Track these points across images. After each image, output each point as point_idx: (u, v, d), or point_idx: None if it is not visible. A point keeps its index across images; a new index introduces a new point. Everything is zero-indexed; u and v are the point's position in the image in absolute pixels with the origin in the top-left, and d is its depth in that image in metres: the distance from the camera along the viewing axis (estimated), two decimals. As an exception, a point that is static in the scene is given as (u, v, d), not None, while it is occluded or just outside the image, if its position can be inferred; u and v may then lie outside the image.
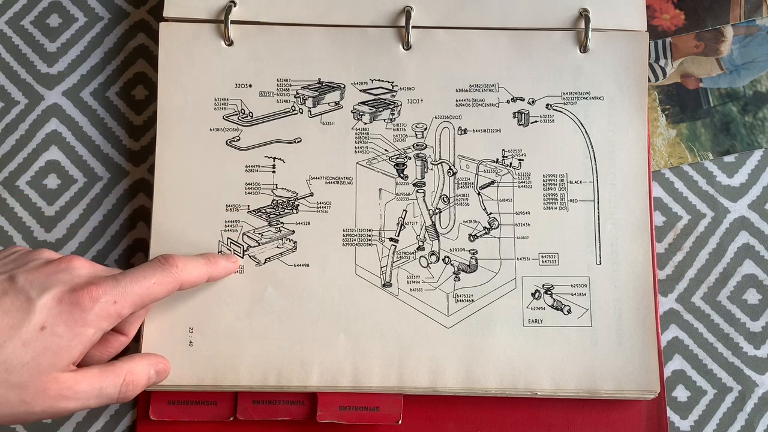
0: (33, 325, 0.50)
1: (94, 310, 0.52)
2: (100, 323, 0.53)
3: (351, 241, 0.66)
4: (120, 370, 0.55)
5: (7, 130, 0.71)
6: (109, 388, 0.54)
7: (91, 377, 0.53)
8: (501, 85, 0.68)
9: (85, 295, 0.52)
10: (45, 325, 0.51)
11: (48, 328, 0.51)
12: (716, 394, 0.66)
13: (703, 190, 0.69)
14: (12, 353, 0.49)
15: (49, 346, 0.51)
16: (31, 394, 0.50)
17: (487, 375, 0.63)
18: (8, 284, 0.52)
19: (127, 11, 0.74)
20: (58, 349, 0.51)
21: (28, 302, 0.51)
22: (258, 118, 0.67)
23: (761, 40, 0.71)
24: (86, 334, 0.52)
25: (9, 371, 0.49)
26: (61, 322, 0.51)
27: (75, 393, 0.52)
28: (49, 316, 0.51)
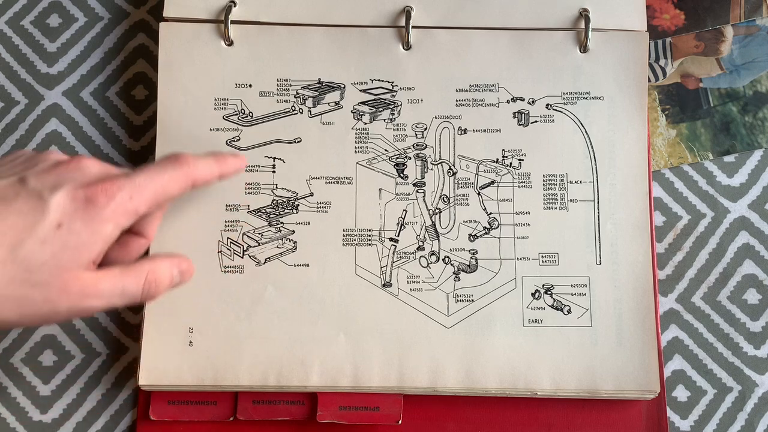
0: (49, 223, 0.49)
1: (110, 206, 0.51)
2: (117, 219, 0.52)
3: (351, 241, 0.66)
4: (142, 268, 0.54)
5: (7, 130, 0.71)
6: (131, 286, 0.53)
7: (113, 276, 0.53)
8: (501, 85, 0.68)
9: (100, 192, 0.51)
10: (61, 223, 0.50)
11: (65, 226, 0.50)
12: (716, 394, 0.66)
13: (703, 190, 0.70)
14: (31, 252, 0.49)
15: (67, 243, 0.50)
16: (55, 292, 0.50)
17: (487, 375, 0.63)
18: (19, 186, 0.51)
19: (127, 11, 0.74)
20: (77, 245, 0.50)
21: (41, 201, 0.50)
22: (258, 118, 0.67)
23: (761, 40, 0.71)
24: (104, 230, 0.51)
25: (30, 270, 0.49)
26: (78, 219, 0.50)
27: (98, 291, 0.51)
28: (65, 214, 0.50)
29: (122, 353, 0.67)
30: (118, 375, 0.67)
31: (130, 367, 0.67)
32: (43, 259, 0.49)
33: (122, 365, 0.67)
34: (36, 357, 0.67)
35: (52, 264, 0.49)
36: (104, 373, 0.67)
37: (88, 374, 0.67)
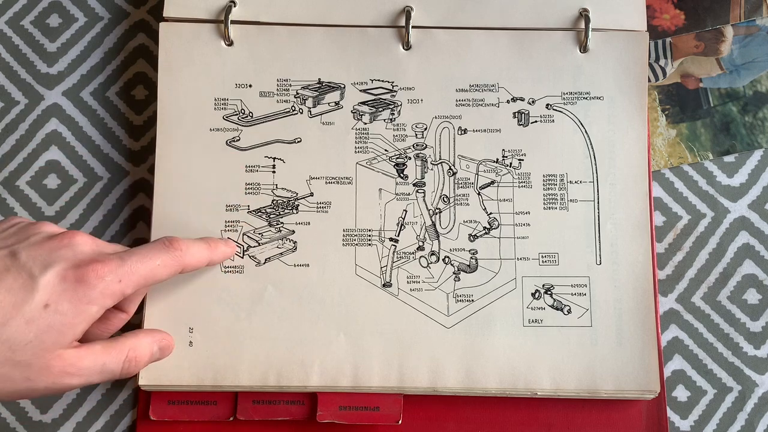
0: (36, 302, 0.49)
1: (99, 287, 0.51)
2: (104, 301, 0.52)
3: (351, 241, 0.66)
4: (123, 346, 0.55)
5: (7, 130, 0.71)
6: (111, 364, 0.54)
7: (94, 353, 0.53)
8: (501, 85, 0.68)
9: (90, 273, 0.51)
10: (48, 303, 0.50)
11: (52, 306, 0.50)
12: (716, 394, 0.66)
13: (703, 190, 0.70)
14: (16, 331, 0.49)
15: (52, 324, 0.50)
16: (35, 371, 0.50)
17: (487, 375, 0.63)
18: (10, 260, 0.51)
19: (127, 11, 0.74)
20: (62, 326, 0.50)
21: (31, 279, 0.50)
22: (258, 118, 0.67)
23: (761, 40, 0.71)
24: (90, 311, 0.52)
25: (13, 350, 0.49)
26: (65, 300, 0.50)
27: (78, 369, 0.52)
28: (53, 294, 0.50)
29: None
30: (118, 375, 0.67)
31: (130, 367, 0.67)
32: (28, 339, 0.49)
33: (122, 365, 0.67)
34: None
35: (35, 344, 0.50)
36: (104, 373, 0.67)
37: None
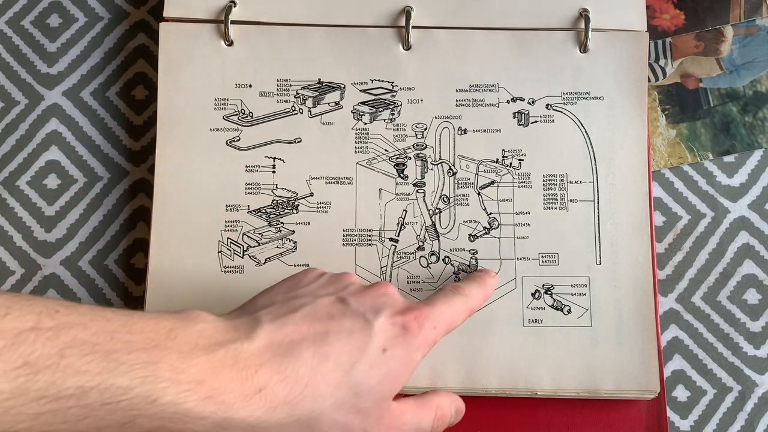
0: (376, 346, 0.49)
1: (421, 335, 0.51)
2: (424, 349, 0.51)
3: (351, 241, 0.66)
4: (431, 403, 0.54)
5: (7, 130, 0.71)
6: (424, 421, 0.53)
7: (412, 409, 0.52)
8: (501, 85, 0.68)
9: (413, 320, 0.51)
10: (386, 347, 0.49)
11: (389, 351, 0.49)
12: (716, 394, 0.66)
13: (703, 190, 0.70)
14: (361, 376, 0.48)
15: (390, 370, 0.49)
16: (371, 421, 0.49)
17: (487, 375, 0.63)
18: (342, 305, 0.50)
19: (127, 11, 0.74)
20: (397, 373, 0.49)
21: (367, 323, 0.49)
22: (258, 118, 0.67)
23: (761, 40, 0.71)
24: (416, 358, 0.51)
25: (358, 395, 0.48)
26: (398, 345, 0.50)
27: (402, 424, 0.51)
28: (388, 338, 0.49)
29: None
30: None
31: (130, 367, 0.67)
32: (371, 385, 0.48)
33: (123, 365, 0.67)
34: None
35: (376, 391, 0.48)
36: (104, 373, 0.67)
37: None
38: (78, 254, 0.69)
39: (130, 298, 0.69)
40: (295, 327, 0.48)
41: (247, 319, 0.49)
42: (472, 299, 0.57)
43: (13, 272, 0.69)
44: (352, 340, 0.48)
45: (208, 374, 0.44)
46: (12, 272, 0.69)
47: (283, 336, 0.47)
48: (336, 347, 0.48)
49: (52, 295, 0.68)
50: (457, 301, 0.56)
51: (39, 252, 0.69)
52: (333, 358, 0.47)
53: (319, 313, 0.50)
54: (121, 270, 0.69)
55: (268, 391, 0.45)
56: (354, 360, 0.48)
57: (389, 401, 0.50)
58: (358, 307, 0.50)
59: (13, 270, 0.69)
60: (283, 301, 0.51)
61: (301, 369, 0.46)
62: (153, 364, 0.42)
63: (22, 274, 0.69)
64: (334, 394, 0.47)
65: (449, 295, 0.56)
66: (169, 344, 0.44)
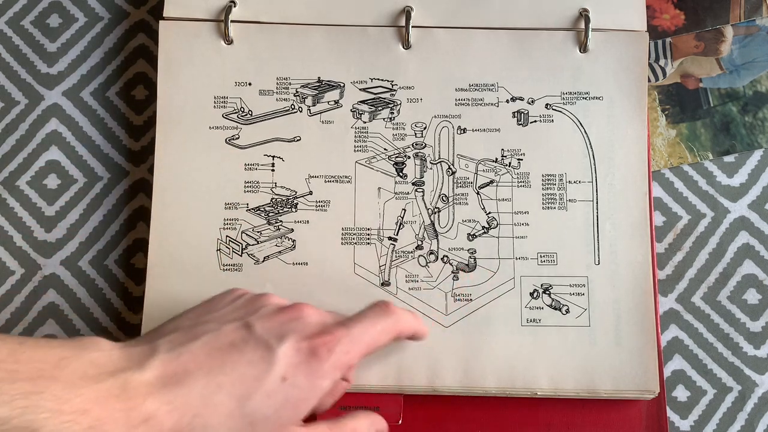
0: (275, 375, 0.49)
1: (330, 360, 0.50)
2: (334, 374, 0.51)
3: (350, 239, 0.66)
4: (346, 428, 0.54)
5: (7, 130, 0.71)
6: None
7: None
8: (500, 85, 0.68)
9: (322, 346, 0.50)
10: (286, 376, 0.49)
11: (289, 380, 0.49)
12: (716, 394, 0.66)
13: (703, 190, 0.69)
14: (257, 406, 0.48)
15: (289, 398, 0.49)
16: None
17: (485, 374, 0.63)
18: (246, 332, 0.50)
19: (127, 11, 0.74)
20: (297, 401, 0.50)
21: (268, 351, 0.49)
22: (257, 117, 0.67)
23: (761, 40, 0.71)
24: (322, 385, 0.51)
25: (253, 424, 0.48)
26: (300, 373, 0.49)
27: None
28: (290, 367, 0.49)
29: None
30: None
31: (129, 367, 0.67)
32: (267, 414, 0.48)
33: (122, 365, 0.67)
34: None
35: (273, 419, 0.49)
36: (103, 372, 0.67)
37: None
38: (78, 254, 0.69)
39: (130, 298, 0.69)
40: (191, 356, 0.48)
41: (144, 348, 0.49)
42: (402, 322, 0.57)
43: (13, 272, 0.69)
44: (250, 369, 0.49)
45: (92, 404, 0.44)
46: (12, 272, 0.69)
47: (177, 366, 0.48)
48: (232, 377, 0.48)
49: (52, 296, 0.68)
50: (383, 321, 0.55)
51: (39, 252, 0.69)
52: (227, 388, 0.48)
53: (219, 341, 0.50)
54: (121, 270, 0.69)
55: (154, 421, 0.45)
56: (250, 390, 0.48)
57: (291, 427, 0.50)
58: (263, 334, 0.50)
59: (13, 270, 0.69)
60: (188, 327, 0.51)
61: (191, 399, 0.47)
62: (36, 394, 0.43)
63: (22, 274, 0.69)
64: (225, 423, 0.47)
65: (377, 314, 0.56)
66: (57, 374, 0.44)
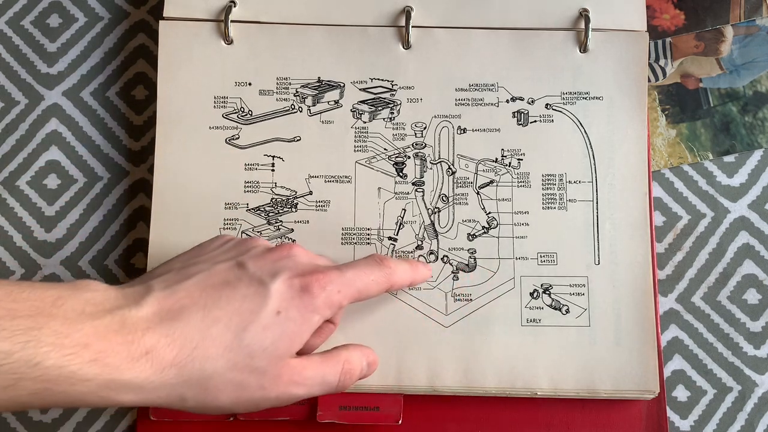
0: (270, 309, 0.50)
1: (321, 297, 0.52)
2: (324, 311, 0.53)
3: (350, 240, 0.66)
4: (339, 357, 0.55)
5: (7, 130, 0.71)
6: (330, 375, 0.54)
7: (315, 364, 0.53)
8: (500, 85, 0.68)
9: (314, 282, 0.52)
10: (280, 310, 0.51)
11: (283, 313, 0.51)
12: (716, 394, 0.66)
13: (703, 190, 0.69)
14: (254, 337, 0.49)
15: (285, 330, 0.51)
16: (269, 379, 0.50)
17: (485, 374, 0.63)
18: (239, 270, 0.52)
19: (127, 11, 0.74)
20: (292, 333, 0.51)
21: (262, 287, 0.51)
22: (257, 117, 0.67)
23: (761, 40, 0.71)
24: (313, 320, 0.52)
25: (251, 356, 0.49)
26: (294, 307, 0.51)
27: (303, 379, 0.52)
28: (283, 301, 0.51)
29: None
30: (117, 375, 0.67)
31: (129, 367, 0.67)
32: (264, 346, 0.50)
33: (122, 365, 0.67)
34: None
35: (270, 351, 0.50)
36: (104, 372, 0.67)
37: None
38: (78, 254, 0.69)
39: (129, 298, 0.69)
40: (186, 293, 0.50)
41: (139, 288, 0.50)
42: (395, 275, 0.59)
43: (13, 272, 0.69)
44: (245, 304, 0.50)
45: (92, 338, 0.45)
46: (12, 272, 0.69)
47: (173, 302, 0.49)
48: (227, 311, 0.50)
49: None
50: (377, 271, 0.57)
51: (39, 252, 0.69)
52: (224, 321, 0.49)
53: (213, 279, 0.51)
54: (121, 270, 0.69)
55: (154, 354, 0.47)
56: (246, 323, 0.50)
57: (287, 359, 0.51)
58: (256, 271, 0.52)
59: (13, 270, 0.69)
60: (180, 268, 0.53)
61: (189, 332, 0.48)
62: (36, 330, 0.44)
63: (22, 274, 0.69)
64: (225, 355, 0.49)
65: (369, 264, 0.57)
66: (54, 311, 0.45)
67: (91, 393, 0.45)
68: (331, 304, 0.53)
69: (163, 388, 0.47)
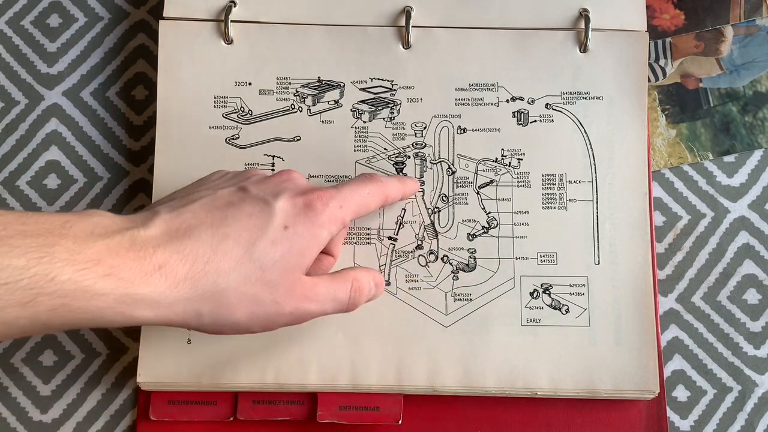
0: (277, 224, 0.51)
1: (326, 212, 0.53)
2: (330, 226, 0.54)
3: (350, 239, 0.66)
4: (348, 276, 0.56)
5: (7, 130, 0.71)
6: (340, 292, 0.55)
7: (326, 281, 0.54)
8: (500, 85, 0.68)
9: (316, 198, 0.53)
10: (287, 225, 0.51)
11: (290, 228, 0.51)
12: (716, 394, 0.66)
13: (703, 190, 0.69)
14: (264, 251, 0.50)
15: (294, 245, 0.51)
16: (282, 293, 0.51)
17: (485, 374, 0.63)
18: (243, 193, 0.53)
19: (127, 11, 0.74)
20: (301, 248, 0.52)
21: (267, 205, 0.52)
22: (257, 116, 0.67)
23: (761, 40, 0.71)
24: (321, 235, 0.53)
25: (263, 269, 0.50)
26: (300, 222, 0.52)
27: (316, 295, 0.53)
28: (289, 216, 0.52)
29: (122, 353, 0.67)
30: (118, 375, 0.67)
31: (130, 367, 0.67)
32: (275, 259, 0.50)
33: (122, 365, 0.67)
34: (36, 357, 0.67)
35: (281, 264, 0.51)
36: (104, 373, 0.67)
37: (88, 374, 0.67)
38: (78, 254, 0.69)
39: (129, 298, 0.69)
40: (192, 214, 0.50)
41: (145, 213, 0.51)
42: (388, 186, 0.60)
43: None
44: (252, 220, 0.51)
45: (104, 255, 0.46)
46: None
47: (180, 222, 0.50)
48: (235, 228, 0.50)
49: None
50: (371, 185, 0.58)
51: (39, 252, 0.69)
52: (233, 237, 0.50)
53: (217, 202, 0.52)
54: (121, 270, 0.69)
55: (168, 269, 0.47)
56: (255, 237, 0.50)
57: (298, 274, 0.52)
58: (258, 193, 0.53)
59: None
60: (183, 196, 0.53)
61: (200, 248, 0.49)
62: (48, 247, 0.44)
63: (22, 274, 0.69)
64: (237, 269, 0.49)
65: (362, 180, 0.59)
66: (64, 232, 0.46)
67: (108, 308, 0.46)
68: (336, 220, 0.54)
69: (179, 303, 0.48)
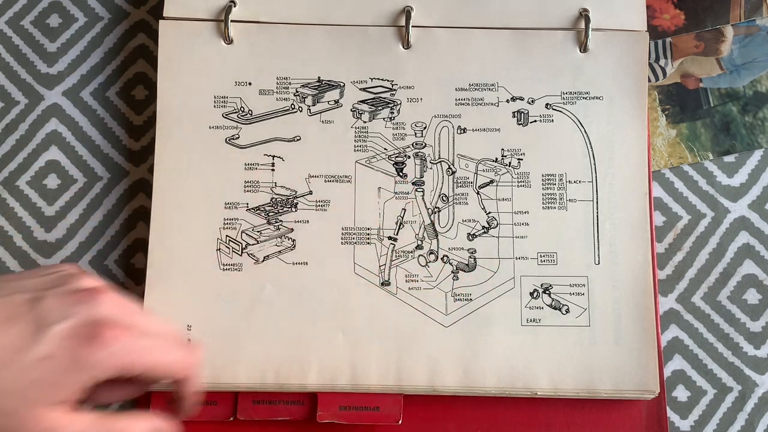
0: (36, 352, 0.46)
1: (103, 353, 0.47)
2: (104, 370, 0.47)
3: (350, 239, 0.66)
4: (114, 426, 0.50)
5: (7, 130, 0.71)
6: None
7: (84, 423, 0.49)
8: (500, 85, 0.68)
9: (98, 337, 0.47)
10: (49, 355, 0.46)
11: (51, 359, 0.46)
12: (716, 394, 0.66)
13: (703, 190, 0.69)
14: (8, 378, 0.46)
15: (46, 378, 0.46)
16: (16, 424, 0.46)
17: (485, 374, 0.63)
18: (29, 305, 0.48)
19: (127, 11, 0.74)
20: (54, 383, 0.47)
21: (38, 329, 0.47)
22: (257, 116, 0.67)
23: (761, 40, 0.71)
24: (86, 375, 0.47)
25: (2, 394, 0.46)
26: (67, 357, 0.46)
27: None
28: (58, 348, 0.46)
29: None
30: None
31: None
32: (18, 388, 0.46)
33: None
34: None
35: (23, 395, 0.47)
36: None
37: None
38: (78, 254, 0.69)
39: (129, 298, 0.69)
40: None
41: None
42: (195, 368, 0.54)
43: (13, 272, 0.69)
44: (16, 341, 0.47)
45: None
46: (12, 272, 0.69)
47: None
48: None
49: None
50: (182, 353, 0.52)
51: (39, 252, 0.69)
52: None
53: None
54: (121, 270, 0.69)
55: None
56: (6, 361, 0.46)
57: (44, 408, 0.47)
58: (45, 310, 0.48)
59: (13, 270, 0.69)
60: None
61: None
62: None
63: (22, 274, 0.69)
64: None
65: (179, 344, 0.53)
66: None
67: None
68: (115, 367, 0.48)
69: None
